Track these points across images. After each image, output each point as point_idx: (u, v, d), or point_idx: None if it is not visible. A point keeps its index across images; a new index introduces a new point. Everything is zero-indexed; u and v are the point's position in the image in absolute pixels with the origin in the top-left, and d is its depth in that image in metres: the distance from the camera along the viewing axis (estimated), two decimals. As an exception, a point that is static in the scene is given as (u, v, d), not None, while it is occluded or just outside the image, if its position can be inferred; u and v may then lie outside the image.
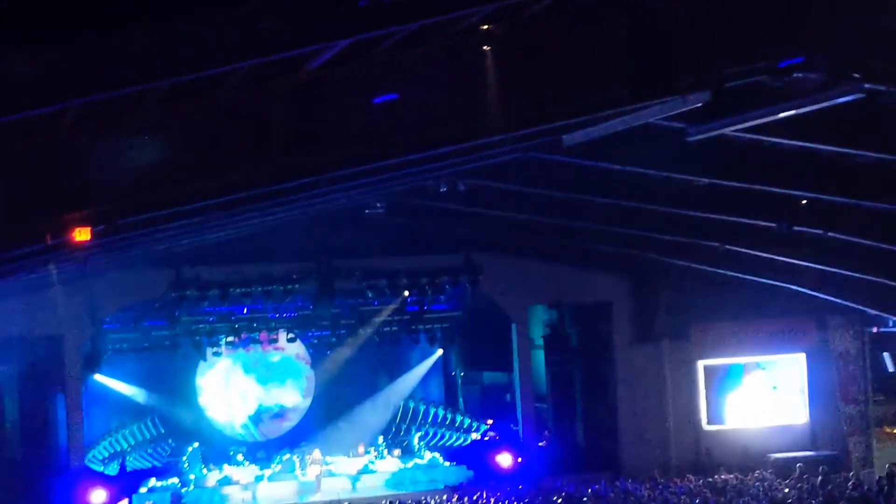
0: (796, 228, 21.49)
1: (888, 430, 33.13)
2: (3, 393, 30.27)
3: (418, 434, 35.60)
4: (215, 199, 15.91)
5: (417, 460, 33.94)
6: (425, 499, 29.58)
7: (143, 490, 31.29)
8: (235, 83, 12.23)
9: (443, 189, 21.54)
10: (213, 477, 32.39)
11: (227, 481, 32.20)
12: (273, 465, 33.14)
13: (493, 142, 15.60)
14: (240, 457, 33.54)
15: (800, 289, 27.70)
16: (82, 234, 14.03)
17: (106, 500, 29.20)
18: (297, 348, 36.20)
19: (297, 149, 14.18)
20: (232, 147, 14.03)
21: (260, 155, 14.09)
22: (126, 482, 31.31)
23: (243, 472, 32.60)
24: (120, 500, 28.22)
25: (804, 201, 20.39)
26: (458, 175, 20.95)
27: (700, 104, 12.89)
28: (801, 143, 16.80)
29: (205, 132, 13.71)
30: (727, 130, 14.42)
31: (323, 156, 14.60)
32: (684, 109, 13.07)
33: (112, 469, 32.55)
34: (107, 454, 33.12)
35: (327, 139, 14.35)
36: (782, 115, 13.14)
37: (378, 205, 24.69)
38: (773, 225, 21.73)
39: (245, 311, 32.60)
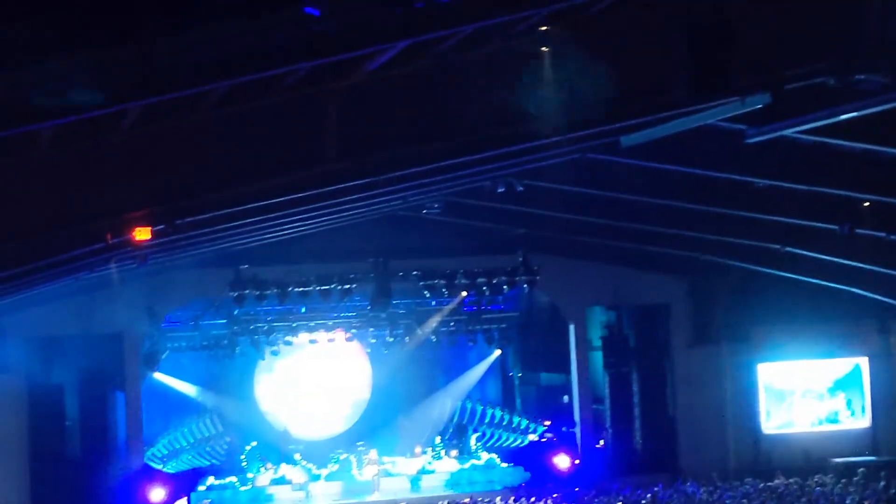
0: (858, 231, 21.25)
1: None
2: (64, 392, 30.54)
3: (475, 435, 35.54)
4: (273, 200, 15.98)
5: (474, 461, 33.89)
6: (483, 500, 29.58)
7: (201, 488, 31.52)
8: (293, 84, 12.28)
9: (500, 190, 21.49)
10: (269, 476, 32.55)
11: (282, 481, 32.34)
12: (329, 465, 33.23)
13: (551, 143, 15.55)
14: (297, 456, 33.64)
15: (861, 292, 27.42)
16: (142, 234, 14.17)
17: (165, 498, 29.46)
18: (355, 348, 36.28)
19: (353, 150, 14.22)
20: (289, 148, 14.08)
21: (316, 156, 14.13)
22: (185, 481, 31.56)
23: (299, 472, 32.71)
24: (178, 498, 28.43)
25: (866, 204, 20.18)
26: (515, 176, 20.90)
27: (760, 106, 12.78)
28: (863, 146, 16.63)
29: (262, 133, 13.77)
30: (787, 132, 14.30)
31: (379, 157, 14.62)
32: (744, 111, 12.97)
33: (171, 467, 32.80)
34: (166, 452, 33.34)
35: (384, 141, 14.38)
36: (844, 116, 13.00)
37: (435, 205, 24.71)
38: (835, 227, 21.51)
39: (303, 310, 32.72)
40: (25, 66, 8.41)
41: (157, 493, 29.68)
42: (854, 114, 12.91)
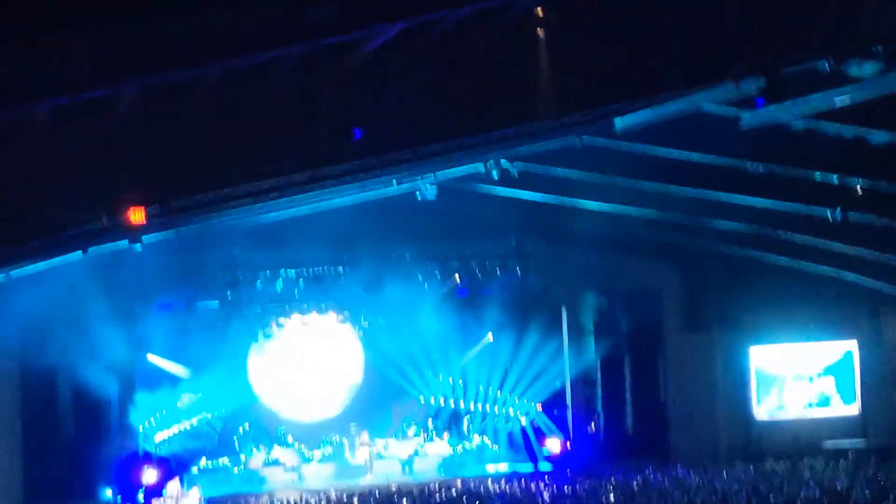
0: (850, 216, 21.30)
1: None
2: (57, 372, 30.56)
3: (467, 418, 35.62)
4: (268, 182, 15.99)
5: (467, 444, 33.99)
6: (475, 483, 29.64)
7: (194, 470, 31.58)
8: (289, 68, 12.30)
9: (494, 173, 21.48)
10: (261, 458, 32.63)
11: (275, 462, 32.43)
12: (322, 448, 33.30)
13: (546, 126, 15.56)
14: (289, 438, 33.71)
15: (853, 277, 27.47)
16: (137, 215, 14.16)
17: (157, 479, 29.50)
18: (348, 331, 36.30)
19: (348, 133, 14.22)
20: (284, 132, 14.10)
21: (312, 138, 14.15)
22: (177, 462, 31.61)
23: (292, 454, 32.79)
24: (171, 479, 28.48)
25: (859, 189, 20.22)
26: (509, 159, 20.90)
27: (755, 90, 12.80)
28: (856, 131, 16.65)
29: (258, 116, 13.79)
30: (782, 117, 14.33)
31: (373, 139, 14.63)
32: (739, 96, 13.01)
33: (163, 449, 32.84)
34: (158, 434, 33.37)
35: (378, 123, 14.38)
36: (838, 102, 13.04)
37: (429, 188, 24.66)
38: (827, 212, 21.55)
39: (296, 292, 32.73)
40: (24, 44, 8.43)
41: (150, 474, 29.73)
42: (847, 99, 12.94)
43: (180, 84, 11.40)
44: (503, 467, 32.57)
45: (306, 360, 36.74)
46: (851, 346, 32.29)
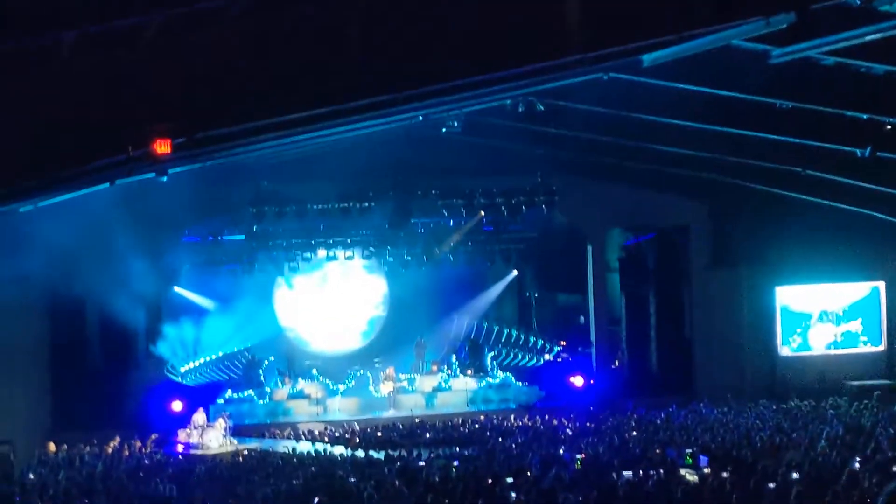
0: (879, 154, 21.14)
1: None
2: (85, 303, 30.77)
3: (491, 354, 35.75)
4: (293, 115, 15.94)
5: (490, 380, 34.15)
6: (498, 417, 29.82)
7: (219, 401, 31.85)
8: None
9: (521, 109, 21.38)
10: (286, 390, 32.87)
11: (300, 395, 32.65)
12: (347, 381, 33.50)
13: (573, 61, 15.45)
14: (314, 371, 33.92)
15: (881, 216, 27.31)
16: (163, 147, 14.13)
17: (183, 409, 29.78)
18: (373, 266, 36.42)
19: (375, 65, 14.15)
20: (310, 63, 14.03)
21: (337, 70, 14.08)
22: (203, 393, 31.89)
23: (317, 387, 33.00)
24: (196, 410, 28.74)
25: (888, 127, 20.06)
26: (536, 95, 20.79)
27: (784, 26, 12.66)
28: (887, 68, 16.49)
29: (283, 47, 13.72)
30: (812, 53, 14.20)
31: (400, 72, 14.55)
32: (768, 31, 12.87)
33: (190, 380, 33.13)
34: (185, 365, 33.65)
35: (404, 56, 14.30)
36: (868, 38, 12.90)
37: (455, 123, 24.56)
38: (856, 150, 21.39)
39: (322, 227, 32.79)
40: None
41: (176, 404, 30.03)
42: (878, 35, 12.80)
43: (207, 13, 11.34)
44: (526, 402, 32.68)
45: (331, 293, 36.93)
46: (879, 285, 32.19)
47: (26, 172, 14.23)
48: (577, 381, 32.55)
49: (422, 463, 19.89)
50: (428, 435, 26.98)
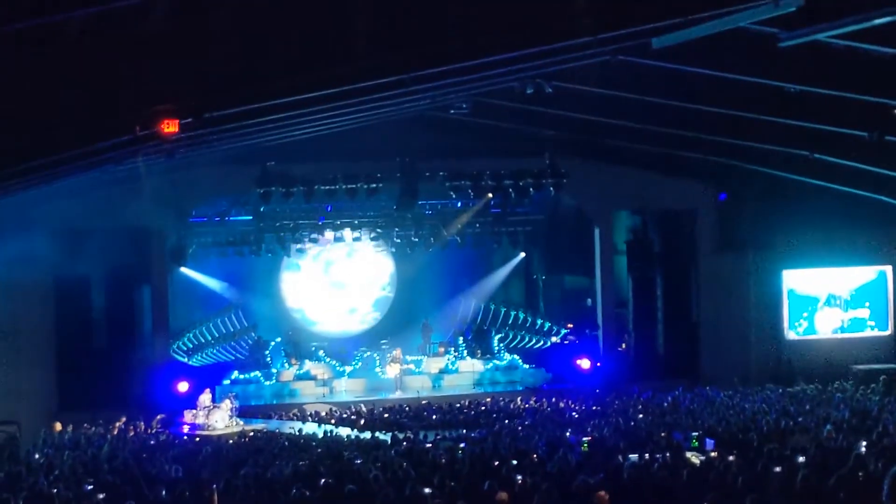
0: (887, 138, 21.06)
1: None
2: (90, 284, 30.79)
3: (498, 336, 35.79)
4: (301, 96, 15.93)
5: (497, 362, 34.19)
6: (504, 399, 29.85)
7: (225, 382, 31.92)
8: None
9: (529, 91, 21.30)
10: (293, 371, 32.92)
11: (307, 376, 32.71)
12: (354, 363, 33.55)
13: (581, 43, 15.40)
14: (321, 352, 33.97)
15: (889, 199, 27.23)
16: (170, 127, 14.11)
17: (189, 390, 29.83)
18: (380, 247, 36.42)
19: (383, 47, 14.13)
20: (319, 43, 14.00)
21: (347, 52, 14.05)
22: (209, 374, 31.95)
23: (324, 368, 33.06)
24: (202, 391, 28.78)
25: (896, 110, 19.98)
26: (544, 77, 20.72)
27: (793, 9, 12.60)
28: (895, 51, 16.42)
29: (292, 29, 13.69)
30: (820, 36, 14.13)
31: (408, 54, 14.52)
32: (777, 14, 12.80)
33: (196, 360, 33.19)
34: (191, 346, 33.72)
35: (412, 37, 14.27)
36: (877, 21, 12.82)
37: (463, 106, 24.52)
38: (864, 134, 21.31)
39: (329, 208, 32.77)
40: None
41: (182, 385, 30.08)
42: (887, 19, 12.72)
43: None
44: (533, 384, 32.72)
45: (338, 275, 36.96)
46: (886, 269, 32.14)
47: (33, 153, 14.24)
48: (584, 363, 32.57)
49: (428, 445, 19.91)
50: (434, 417, 27.00)
